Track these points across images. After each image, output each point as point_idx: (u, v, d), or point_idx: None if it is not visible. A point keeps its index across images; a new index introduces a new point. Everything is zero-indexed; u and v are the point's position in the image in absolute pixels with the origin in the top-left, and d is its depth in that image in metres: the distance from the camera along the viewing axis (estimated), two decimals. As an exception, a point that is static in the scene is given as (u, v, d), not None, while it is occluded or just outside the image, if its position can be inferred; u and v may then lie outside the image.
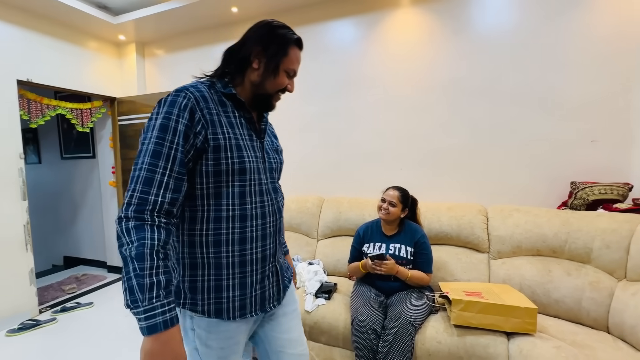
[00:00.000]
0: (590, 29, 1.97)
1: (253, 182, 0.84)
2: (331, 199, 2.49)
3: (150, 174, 0.73)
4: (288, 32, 0.88)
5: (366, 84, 2.54)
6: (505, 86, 2.17)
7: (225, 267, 0.82)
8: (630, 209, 1.71)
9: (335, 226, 2.35)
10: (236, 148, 0.81)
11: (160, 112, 0.76)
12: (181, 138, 0.75)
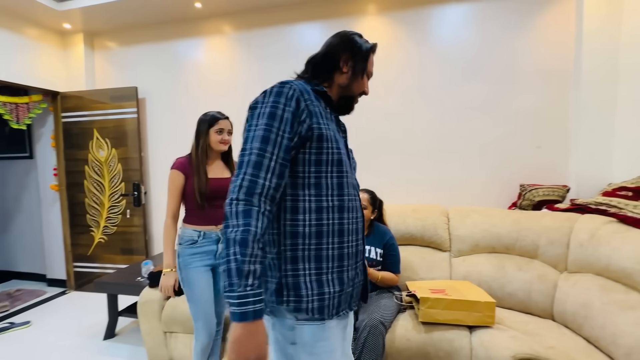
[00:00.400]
0: (534, 48, 2.19)
1: (347, 174, 0.86)
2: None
3: (259, 158, 0.75)
4: (366, 40, 0.99)
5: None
6: (462, 95, 2.33)
7: (326, 259, 0.82)
8: (569, 208, 1.92)
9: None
10: (334, 139, 0.84)
11: (266, 101, 0.81)
12: (287, 125, 0.78)
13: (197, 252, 1.48)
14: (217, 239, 1.53)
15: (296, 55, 2.64)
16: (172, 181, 1.48)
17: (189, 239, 1.48)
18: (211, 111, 1.54)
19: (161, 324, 1.89)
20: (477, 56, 2.29)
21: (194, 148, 1.50)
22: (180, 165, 1.49)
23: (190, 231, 1.49)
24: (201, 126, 1.51)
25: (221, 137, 1.51)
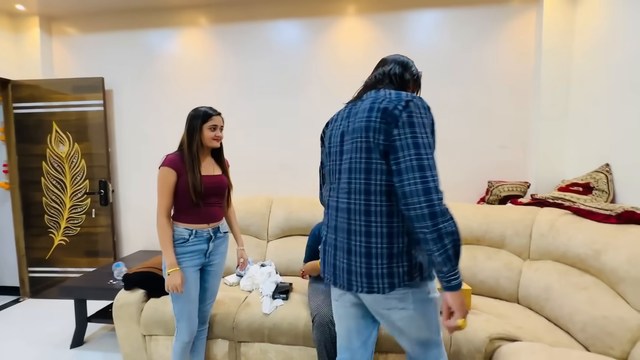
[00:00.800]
0: (500, 55, 2.38)
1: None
2: (281, 198, 2.48)
3: (434, 162, 0.90)
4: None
5: (313, 86, 2.60)
6: (436, 97, 2.46)
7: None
8: (530, 202, 2.12)
9: (286, 226, 2.35)
10: None
11: (422, 113, 0.95)
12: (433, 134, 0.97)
13: (188, 251, 1.45)
14: (209, 237, 1.50)
15: (275, 53, 2.64)
16: (164, 179, 1.41)
17: (179, 237, 1.44)
18: (202, 106, 1.49)
19: (140, 327, 1.81)
20: (450, 60, 2.44)
21: (186, 145, 1.45)
22: (171, 163, 1.42)
23: (181, 229, 1.45)
24: (193, 122, 1.45)
25: (214, 134, 1.47)
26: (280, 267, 2.23)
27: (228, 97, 2.67)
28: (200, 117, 1.45)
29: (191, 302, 1.48)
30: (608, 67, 1.95)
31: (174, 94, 2.76)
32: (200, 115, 1.45)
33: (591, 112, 2.07)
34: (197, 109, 1.48)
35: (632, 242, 1.39)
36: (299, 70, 2.61)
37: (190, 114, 1.48)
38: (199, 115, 1.46)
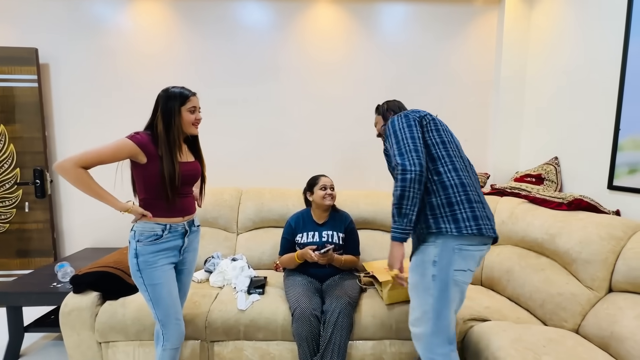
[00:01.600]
0: (464, 53, 2.50)
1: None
2: (251, 190, 2.36)
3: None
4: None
5: (285, 72, 2.50)
6: (405, 89, 2.52)
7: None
8: (490, 192, 2.28)
9: (258, 218, 2.26)
10: None
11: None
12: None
13: (162, 248, 1.30)
14: (184, 232, 1.37)
15: (242, 36, 2.48)
16: (120, 149, 1.19)
17: (150, 234, 1.28)
18: (174, 87, 1.31)
19: (95, 333, 1.61)
20: (419, 55, 2.50)
21: (162, 130, 1.25)
22: (141, 142, 1.22)
23: (152, 225, 1.28)
24: (170, 104, 1.27)
25: (195, 117, 1.32)
26: (252, 261, 2.14)
27: (190, 81, 2.44)
28: (178, 98, 1.28)
29: (175, 304, 1.34)
30: (557, 68, 2.14)
31: (125, 74, 2.46)
32: (177, 97, 1.28)
33: (543, 108, 2.27)
34: (170, 89, 1.30)
35: (582, 227, 1.55)
36: (268, 56, 2.48)
37: (162, 96, 1.29)
38: (174, 96, 1.28)
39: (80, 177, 1.15)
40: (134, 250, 1.27)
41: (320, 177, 1.87)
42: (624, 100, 1.68)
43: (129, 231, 1.31)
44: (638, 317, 1.25)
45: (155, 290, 1.28)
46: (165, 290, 1.29)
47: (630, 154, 1.65)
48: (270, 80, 2.50)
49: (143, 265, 1.26)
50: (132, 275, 1.29)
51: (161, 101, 1.28)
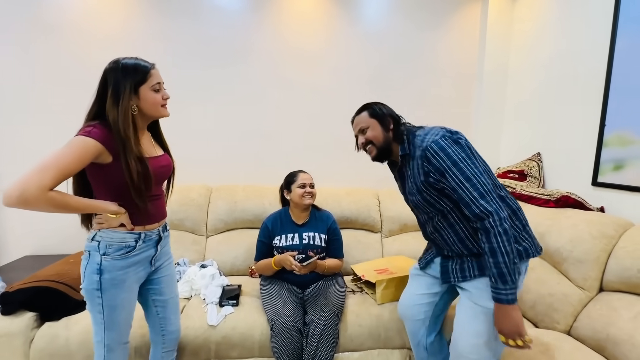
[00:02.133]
0: (447, 44, 2.41)
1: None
2: (222, 187, 2.13)
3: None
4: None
5: (259, 57, 2.27)
6: (387, 80, 2.40)
7: None
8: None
9: (230, 219, 2.04)
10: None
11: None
12: None
13: (134, 262, 1.06)
14: (158, 239, 1.13)
15: (210, 16, 2.21)
16: (83, 151, 0.91)
17: (121, 246, 1.03)
18: (125, 58, 1.02)
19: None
20: (402, 44, 2.38)
21: (116, 116, 0.96)
22: (104, 138, 0.94)
23: (123, 235, 1.03)
24: (124, 80, 0.97)
25: (162, 95, 1.05)
26: (224, 267, 1.93)
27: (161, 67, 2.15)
28: (133, 73, 0.99)
29: (128, 327, 1.13)
30: (540, 61, 2.11)
31: (68, 53, 2.11)
32: (132, 71, 0.99)
33: (525, 103, 2.25)
34: (121, 61, 1.00)
35: (572, 224, 1.51)
36: (240, 39, 2.24)
37: (112, 70, 0.99)
38: (128, 70, 0.99)
39: (54, 201, 0.87)
40: (97, 265, 1.00)
41: (299, 174, 1.69)
42: (610, 95, 1.65)
43: (88, 240, 1.03)
44: (635, 319, 1.21)
45: (114, 313, 1.05)
46: (124, 314, 1.08)
47: (615, 150, 1.64)
48: (242, 66, 2.27)
49: (107, 284, 1.01)
50: (86, 293, 1.03)
51: (111, 77, 0.98)
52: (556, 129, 2.00)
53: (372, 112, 1.24)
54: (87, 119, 1.00)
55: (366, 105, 1.28)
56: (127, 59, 1.02)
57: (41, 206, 0.85)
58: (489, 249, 0.98)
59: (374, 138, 1.22)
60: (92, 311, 1.06)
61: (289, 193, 1.69)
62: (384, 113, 1.24)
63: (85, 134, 0.92)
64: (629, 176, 1.57)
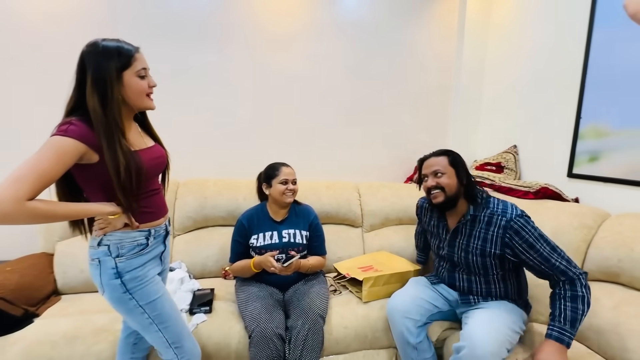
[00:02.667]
0: (427, 35, 2.36)
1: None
2: (190, 181, 1.94)
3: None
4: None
5: (231, 39, 2.08)
6: (365, 70, 2.30)
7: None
8: (453, 181, 2.21)
9: (200, 216, 1.86)
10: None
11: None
12: None
13: (149, 259, 1.01)
14: (165, 234, 1.10)
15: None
16: (62, 153, 0.79)
17: (133, 245, 0.97)
18: (105, 39, 0.89)
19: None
20: (382, 33, 2.30)
21: (97, 105, 0.84)
22: (85, 136, 0.82)
23: (132, 234, 0.97)
24: (105, 65, 0.86)
25: (148, 82, 0.95)
26: (194, 269, 1.75)
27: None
28: (116, 57, 0.87)
29: (181, 316, 1.08)
30: (516, 55, 2.13)
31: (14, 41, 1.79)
32: (114, 54, 0.87)
33: (501, 96, 2.26)
34: (100, 44, 0.87)
35: (554, 216, 1.52)
36: (210, 16, 2.03)
37: (90, 53, 0.86)
38: (110, 53, 0.87)
39: (37, 212, 0.76)
40: (113, 269, 0.93)
41: (281, 168, 1.55)
42: (586, 88, 1.68)
43: (93, 247, 0.95)
44: (616, 308, 1.22)
45: (156, 306, 0.98)
46: (167, 303, 1.02)
47: (590, 142, 1.67)
48: (213, 50, 2.06)
49: (132, 284, 0.95)
50: (115, 302, 0.96)
51: (90, 62, 0.85)
52: (532, 121, 2.03)
53: (453, 160, 1.28)
54: (66, 111, 0.89)
55: (447, 151, 1.32)
56: (107, 41, 0.89)
57: (22, 219, 0.75)
58: (572, 295, 1.10)
59: (447, 186, 1.25)
60: (133, 319, 0.99)
61: (268, 187, 1.55)
62: (462, 165, 1.29)
63: (61, 133, 0.80)
64: (603, 168, 1.61)
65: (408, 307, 1.34)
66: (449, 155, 1.29)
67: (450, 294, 1.39)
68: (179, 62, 2.02)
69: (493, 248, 1.21)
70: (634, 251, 1.24)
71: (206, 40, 2.04)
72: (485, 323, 1.15)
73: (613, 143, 1.56)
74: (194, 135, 2.10)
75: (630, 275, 1.24)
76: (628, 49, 1.49)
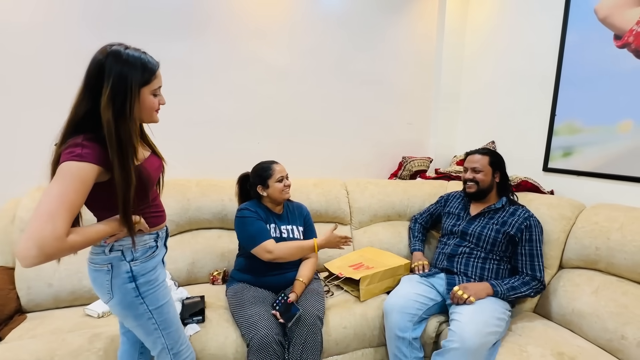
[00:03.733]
0: (409, 31, 2.38)
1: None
2: (171, 182, 1.79)
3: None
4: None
5: (210, 28, 1.96)
6: (349, 65, 2.28)
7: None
8: (437, 177, 2.27)
9: (183, 219, 1.75)
10: None
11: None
12: None
13: (158, 261, 1.00)
14: (166, 236, 1.10)
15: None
16: (84, 181, 0.76)
17: (145, 248, 0.96)
18: (128, 47, 0.84)
19: None
20: (365, 29, 2.28)
21: (111, 119, 0.78)
22: (99, 157, 0.78)
23: (141, 239, 0.96)
24: (129, 77, 0.80)
25: (159, 101, 0.93)
26: (180, 276, 1.65)
27: (65, 29, 1.69)
28: (140, 70, 0.83)
29: (180, 322, 1.06)
30: (493, 53, 2.21)
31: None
32: (140, 68, 0.83)
33: (480, 93, 2.34)
34: (123, 52, 0.81)
35: (535, 208, 1.60)
36: (188, 11, 1.89)
37: (110, 62, 0.79)
38: (135, 65, 0.82)
39: (77, 246, 0.77)
40: (128, 273, 0.91)
41: (273, 166, 1.50)
42: (561, 86, 1.78)
43: (104, 253, 0.90)
44: (595, 293, 1.32)
45: (162, 312, 0.97)
46: (172, 308, 1.01)
47: (565, 138, 1.78)
48: (192, 42, 1.93)
49: (145, 288, 0.93)
50: (123, 307, 0.92)
51: (111, 71, 0.79)
52: (510, 118, 2.12)
53: (492, 161, 1.55)
54: (72, 119, 0.81)
55: (490, 152, 1.58)
56: (131, 50, 0.84)
57: (64, 255, 0.76)
58: (523, 282, 1.39)
59: (482, 181, 1.54)
60: (140, 324, 0.95)
61: (265, 189, 1.49)
62: (499, 166, 1.56)
63: (77, 159, 0.75)
64: (576, 162, 1.73)
65: (405, 303, 1.39)
66: (491, 156, 1.55)
67: (441, 285, 1.47)
68: (154, 56, 1.86)
69: (509, 229, 1.44)
70: (610, 240, 1.34)
71: (180, 30, 1.90)
72: (472, 317, 1.23)
73: (585, 139, 1.68)
74: (171, 133, 1.95)
75: (607, 261, 1.34)
76: (599, 50, 1.59)
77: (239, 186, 1.59)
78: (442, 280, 1.47)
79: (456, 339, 1.19)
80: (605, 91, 1.58)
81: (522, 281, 1.39)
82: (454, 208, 1.70)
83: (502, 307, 1.31)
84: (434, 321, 1.42)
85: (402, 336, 1.34)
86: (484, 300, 1.31)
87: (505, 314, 1.30)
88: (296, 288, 1.40)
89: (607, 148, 1.59)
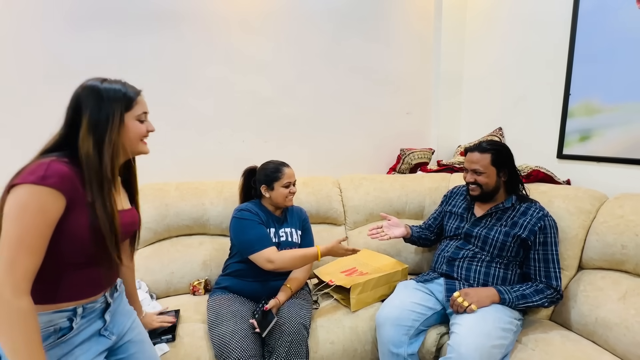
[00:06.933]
0: (403, 13, 2.19)
1: None
2: (148, 186, 1.69)
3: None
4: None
5: (187, 21, 1.82)
6: (340, 55, 2.11)
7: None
8: (439, 169, 2.09)
9: (161, 226, 1.63)
10: None
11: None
12: None
13: (76, 343, 0.75)
14: (103, 308, 0.83)
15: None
16: (38, 208, 0.64)
17: (49, 332, 0.70)
18: (106, 79, 0.80)
19: None
20: (353, 9, 2.09)
21: (91, 151, 0.72)
22: (61, 179, 0.66)
23: (48, 317, 0.71)
24: (108, 108, 0.75)
25: (146, 128, 0.88)
26: (158, 287, 1.54)
27: (30, 26, 1.58)
28: (121, 101, 0.78)
29: None
30: (497, 32, 2.00)
31: None
32: (121, 98, 0.78)
33: (484, 77, 2.14)
34: (101, 86, 0.77)
35: (547, 201, 1.41)
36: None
37: (88, 95, 0.75)
38: (116, 96, 0.77)
39: (18, 313, 0.63)
40: None
41: (284, 169, 1.39)
42: (575, 62, 1.57)
43: None
44: (623, 299, 1.13)
45: None
46: None
47: (581, 119, 1.57)
48: (167, 34, 1.80)
49: None
50: None
51: (88, 104, 0.74)
52: (518, 100, 1.92)
53: (495, 159, 1.28)
54: (49, 146, 0.74)
55: (491, 149, 1.29)
56: (109, 82, 0.79)
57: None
58: (536, 290, 1.20)
59: (485, 184, 1.30)
60: None
61: (268, 190, 1.38)
62: (504, 163, 1.29)
63: (33, 180, 0.64)
64: (596, 147, 1.52)
65: (399, 314, 1.24)
66: (493, 153, 1.28)
67: (440, 292, 1.31)
68: (125, 50, 1.75)
69: (521, 231, 1.24)
70: (638, 236, 1.14)
71: (158, 22, 1.77)
72: (473, 329, 1.07)
73: (606, 120, 1.46)
74: (150, 134, 1.84)
75: (636, 262, 1.15)
76: (620, 15, 1.37)
77: (244, 180, 1.49)
78: (441, 287, 1.31)
79: (454, 356, 1.03)
80: (628, 63, 1.37)
81: (534, 289, 1.20)
82: (457, 207, 1.47)
83: (508, 315, 1.14)
84: (434, 333, 1.26)
85: (396, 352, 1.19)
86: (487, 309, 1.14)
87: (512, 323, 1.13)
88: (280, 294, 1.28)
89: (631, 130, 1.37)
